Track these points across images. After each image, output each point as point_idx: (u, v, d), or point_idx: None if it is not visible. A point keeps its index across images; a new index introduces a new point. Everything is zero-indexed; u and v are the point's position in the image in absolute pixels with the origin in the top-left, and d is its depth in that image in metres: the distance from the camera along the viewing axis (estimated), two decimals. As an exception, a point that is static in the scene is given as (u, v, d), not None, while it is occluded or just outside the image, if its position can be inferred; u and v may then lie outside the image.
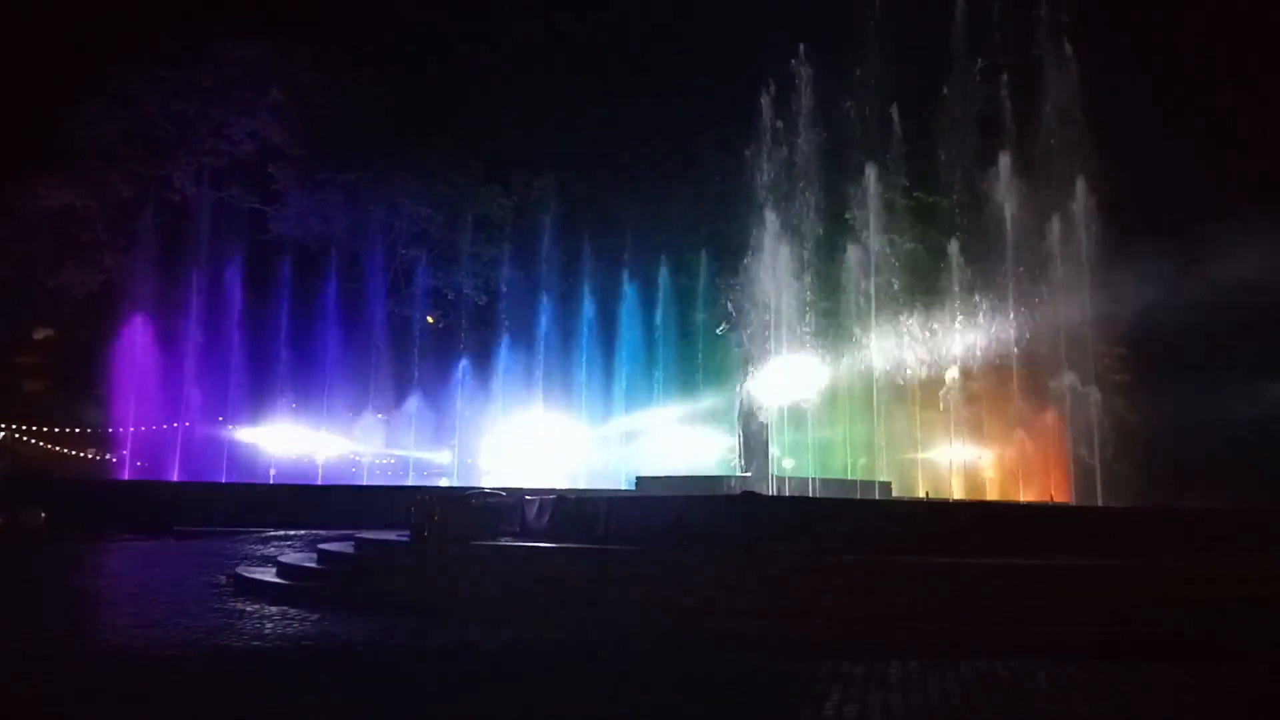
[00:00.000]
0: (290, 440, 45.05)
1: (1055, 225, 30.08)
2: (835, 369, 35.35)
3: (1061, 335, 29.66)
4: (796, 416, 33.89)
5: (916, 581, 12.60)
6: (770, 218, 33.24)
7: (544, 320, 46.31)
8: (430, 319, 48.59)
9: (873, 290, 34.04)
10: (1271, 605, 11.73)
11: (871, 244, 34.09)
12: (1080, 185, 29.24)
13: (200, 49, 44.32)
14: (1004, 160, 31.01)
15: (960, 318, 33.54)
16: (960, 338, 33.45)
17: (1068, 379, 28.79)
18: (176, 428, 41.86)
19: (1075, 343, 29.40)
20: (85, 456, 45.50)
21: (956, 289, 33.17)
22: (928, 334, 36.02)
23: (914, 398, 35.83)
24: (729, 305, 31.85)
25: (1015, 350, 31.46)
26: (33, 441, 44.94)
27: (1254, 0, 36.27)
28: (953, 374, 33.72)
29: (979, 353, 33.17)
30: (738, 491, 19.81)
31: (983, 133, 34.26)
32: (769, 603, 12.39)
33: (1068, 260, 29.67)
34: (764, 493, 24.82)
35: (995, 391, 33.32)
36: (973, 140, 34.49)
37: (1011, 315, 31.60)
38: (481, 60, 50.46)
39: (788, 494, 27.92)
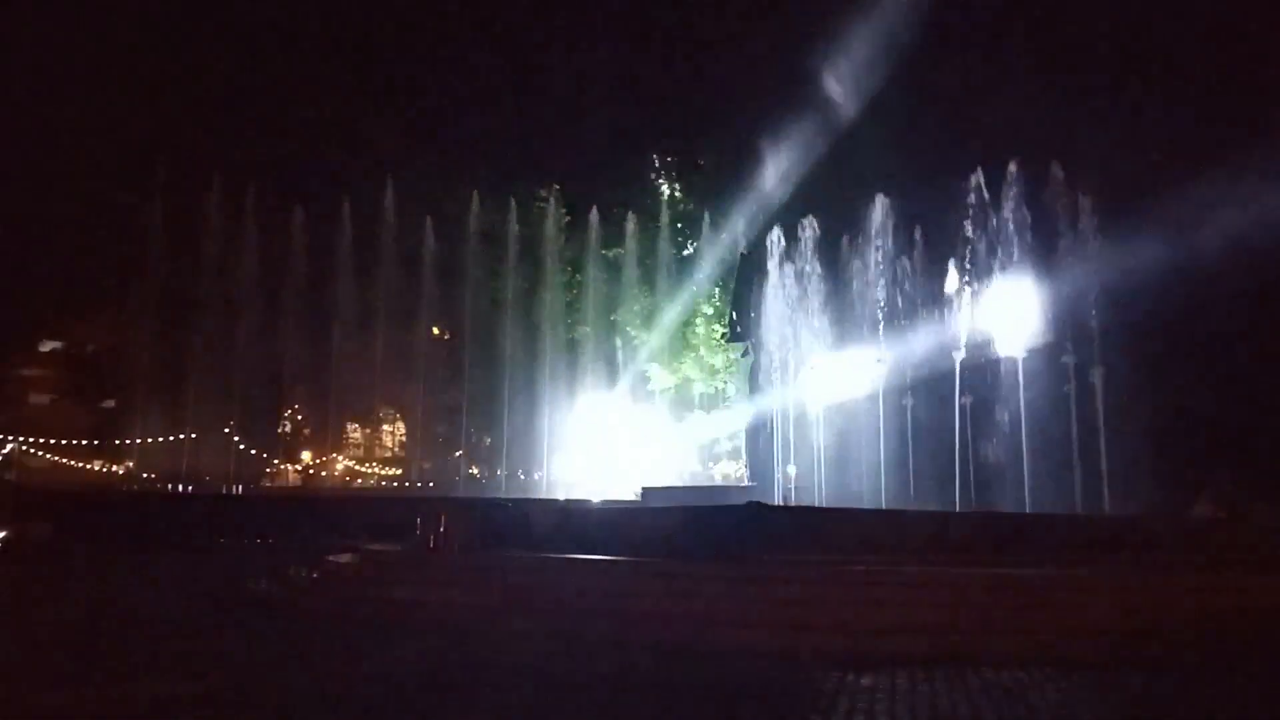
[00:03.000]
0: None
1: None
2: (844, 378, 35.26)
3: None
4: (805, 425, 33.80)
5: (924, 591, 12.57)
6: (780, 230, 33.29)
7: (547, 331, 46.39)
8: (435, 330, 48.61)
9: (879, 298, 33.97)
10: (1274, 617, 11.69)
11: (873, 254, 34.06)
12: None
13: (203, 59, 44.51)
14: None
15: (964, 324, 33.44)
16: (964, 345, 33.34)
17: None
18: (184, 439, 41.92)
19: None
20: (92, 469, 45.54)
21: (959, 296, 33.10)
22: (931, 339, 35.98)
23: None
24: (733, 315, 31.81)
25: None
26: (39, 454, 45.01)
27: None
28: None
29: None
30: (744, 501, 19.75)
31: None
32: (776, 613, 12.36)
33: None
34: (770, 502, 24.79)
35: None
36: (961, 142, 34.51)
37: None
38: (483, 72, 50.72)
39: (794, 503, 27.88)
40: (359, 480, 48.71)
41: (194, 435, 42.00)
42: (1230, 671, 10.48)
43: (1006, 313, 30.94)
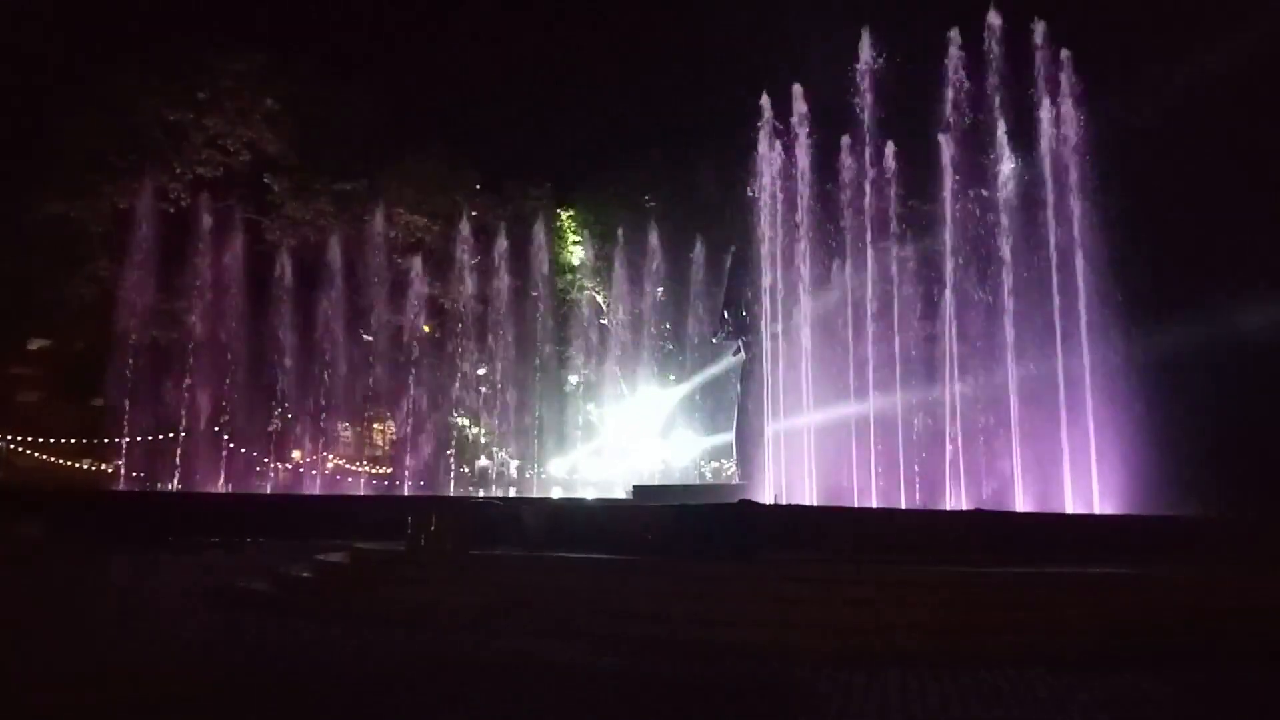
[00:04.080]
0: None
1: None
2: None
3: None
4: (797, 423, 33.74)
5: (914, 590, 12.59)
6: (766, 224, 33.19)
7: (541, 329, 46.45)
8: (427, 328, 48.57)
9: (868, 296, 33.94)
10: (1268, 614, 11.74)
11: (867, 251, 34.00)
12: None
13: (196, 59, 44.32)
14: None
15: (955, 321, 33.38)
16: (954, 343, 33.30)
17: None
18: (174, 438, 41.79)
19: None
20: (81, 467, 45.34)
21: (949, 290, 33.01)
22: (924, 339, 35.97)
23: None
24: (725, 313, 31.72)
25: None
26: (28, 452, 44.80)
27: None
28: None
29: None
30: (735, 500, 19.74)
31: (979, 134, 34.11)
32: (768, 611, 12.37)
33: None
34: (761, 501, 24.77)
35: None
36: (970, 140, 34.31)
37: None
38: (476, 70, 50.69)
39: (784, 502, 27.85)
40: (349, 479, 48.58)
41: (184, 433, 41.86)
42: (1225, 669, 10.53)
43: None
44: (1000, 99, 30.82)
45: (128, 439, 41.10)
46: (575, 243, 51.38)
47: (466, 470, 49.94)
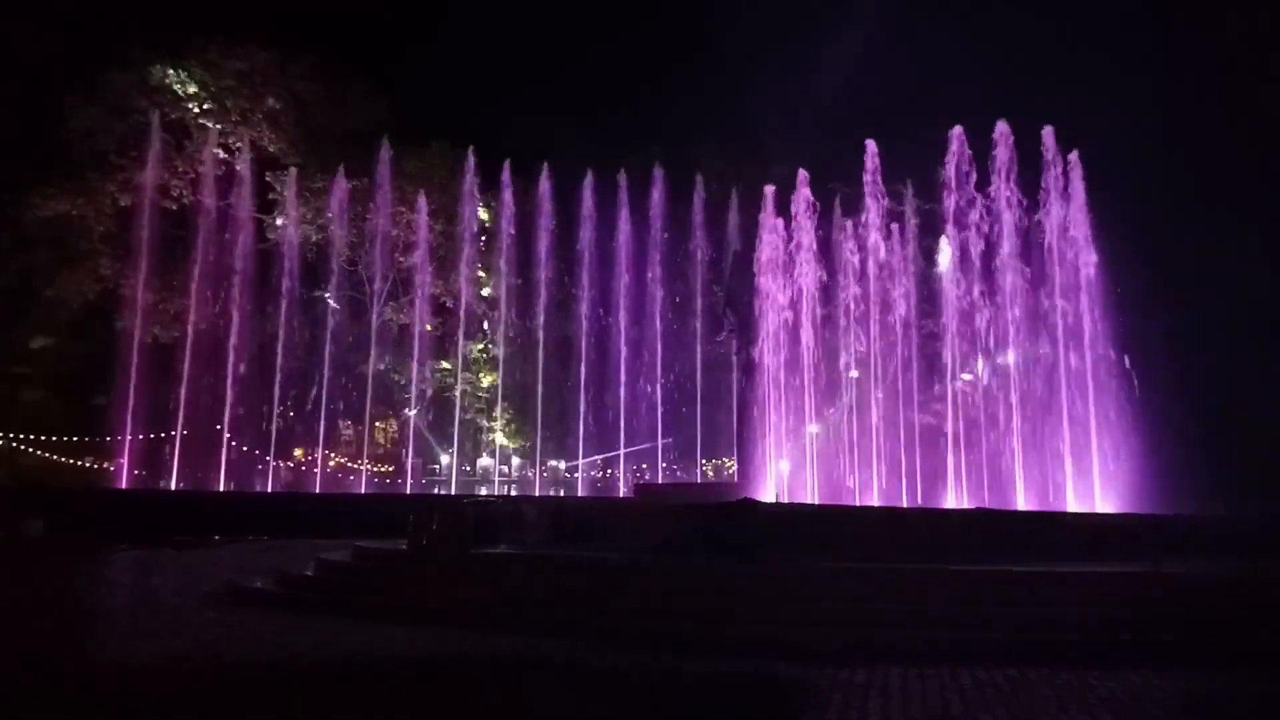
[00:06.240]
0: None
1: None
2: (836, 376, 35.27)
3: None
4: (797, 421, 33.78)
5: (916, 588, 12.60)
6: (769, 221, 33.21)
7: (541, 329, 46.35)
8: (430, 327, 48.55)
9: (872, 295, 33.97)
10: (1268, 611, 11.74)
11: (871, 249, 34.03)
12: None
13: (198, 58, 44.36)
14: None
15: (959, 321, 33.35)
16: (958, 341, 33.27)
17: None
18: (174, 436, 41.78)
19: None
20: (84, 465, 45.35)
21: (954, 292, 32.96)
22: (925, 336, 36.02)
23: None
24: (728, 313, 31.74)
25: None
26: (31, 451, 44.82)
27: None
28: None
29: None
30: (736, 499, 19.78)
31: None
32: (768, 610, 12.39)
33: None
34: (762, 500, 24.80)
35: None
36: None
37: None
38: (478, 69, 50.72)
39: (786, 501, 27.88)
40: (351, 477, 48.60)
41: (185, 432, 41.86)
42: (1229, 667, 10.54)
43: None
44: None
45: (130, 437, 41.09)
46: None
47: (469, 468, 49.96)
